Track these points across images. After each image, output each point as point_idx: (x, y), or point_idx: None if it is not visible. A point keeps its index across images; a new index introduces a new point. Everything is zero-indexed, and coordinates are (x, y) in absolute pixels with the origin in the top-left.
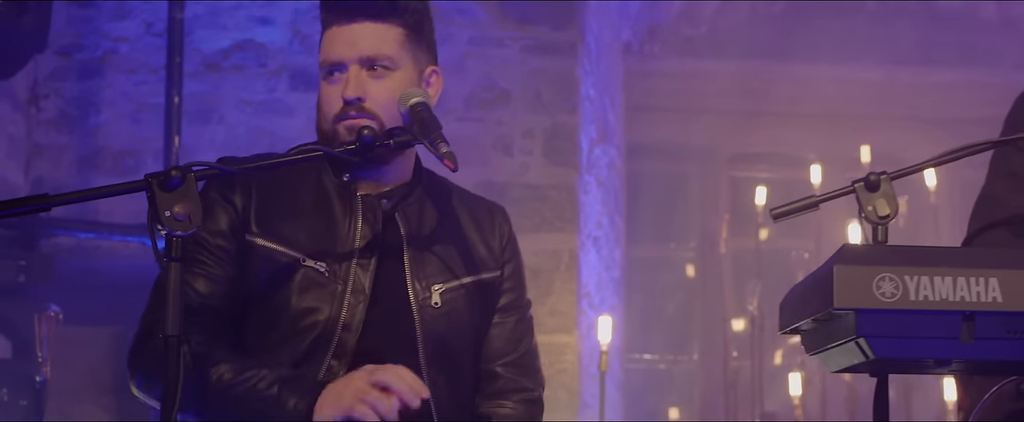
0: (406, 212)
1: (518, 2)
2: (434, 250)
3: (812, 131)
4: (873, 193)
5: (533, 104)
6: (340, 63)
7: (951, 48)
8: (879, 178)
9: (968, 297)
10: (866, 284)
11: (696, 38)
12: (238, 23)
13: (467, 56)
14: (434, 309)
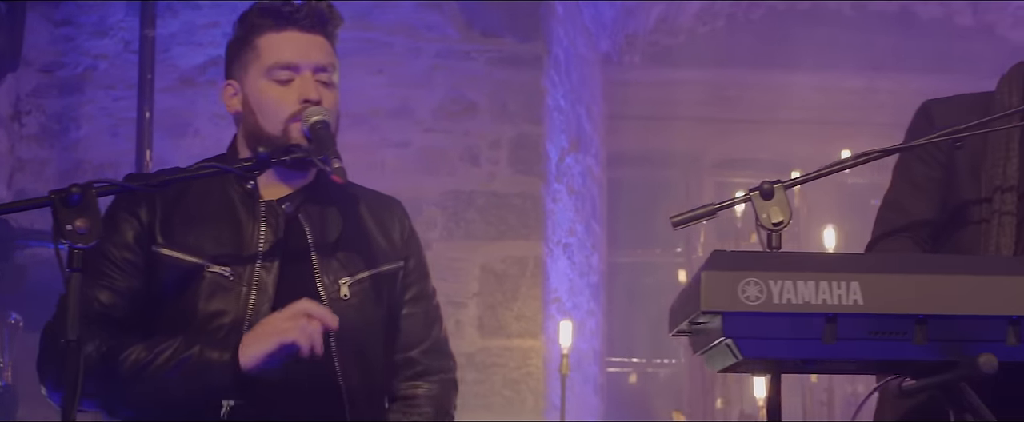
0: (309, 213)
1: (484, 15)
2: (339, 246)
3: (793, 138)
4: (767, 201)
5: (499, 115)
6: (294, 65)
7: (929, 55)
8: (773, 187)
9: (830, 300)
10: (731, 288)
11: (674, 47)
12: (213, 39)
13: (435, 69)
14: (344, 301)
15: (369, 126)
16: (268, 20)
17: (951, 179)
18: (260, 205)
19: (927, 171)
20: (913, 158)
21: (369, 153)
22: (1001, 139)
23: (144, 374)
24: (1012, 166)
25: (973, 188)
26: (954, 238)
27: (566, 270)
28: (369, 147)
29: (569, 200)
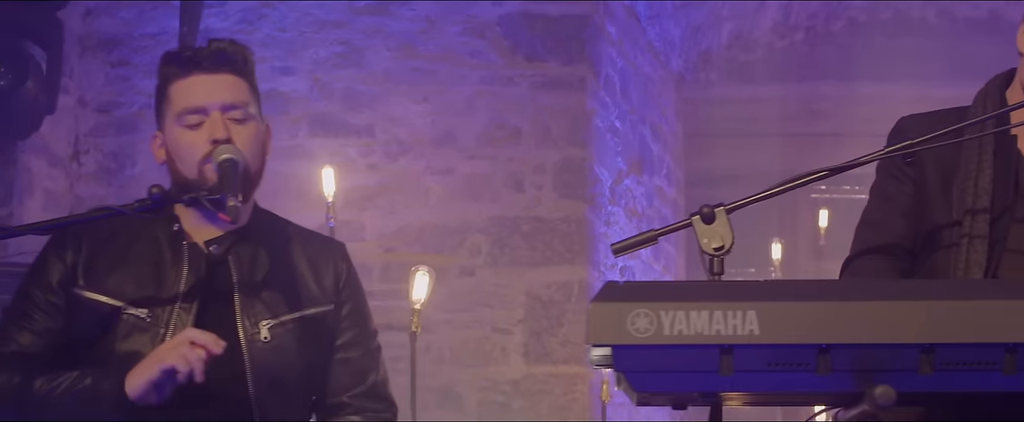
0: (239, 254)
1: (528, 40)
2: (265, 289)
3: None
4: (709, 225)
5: (543, 139)
6: (201, 108)
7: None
8: (713, 211)
9: (724, 330)
10: (620, 320)
11: (753, 62)
12: (261, 73)
13: (478, 95)
14: (263, 344)
15: (414, 154)
16: (173, 68)
17: (923, 197)
18: (184, 247)
19: (900, 187)
20: (886, 175)
21: (413, 181)
22: (973, 155)
23: (46, 403)
24: (984, 181)
25: (944, 208)
26: (928, 260)
27: None
28: (413, 175)
29: (628, 223)
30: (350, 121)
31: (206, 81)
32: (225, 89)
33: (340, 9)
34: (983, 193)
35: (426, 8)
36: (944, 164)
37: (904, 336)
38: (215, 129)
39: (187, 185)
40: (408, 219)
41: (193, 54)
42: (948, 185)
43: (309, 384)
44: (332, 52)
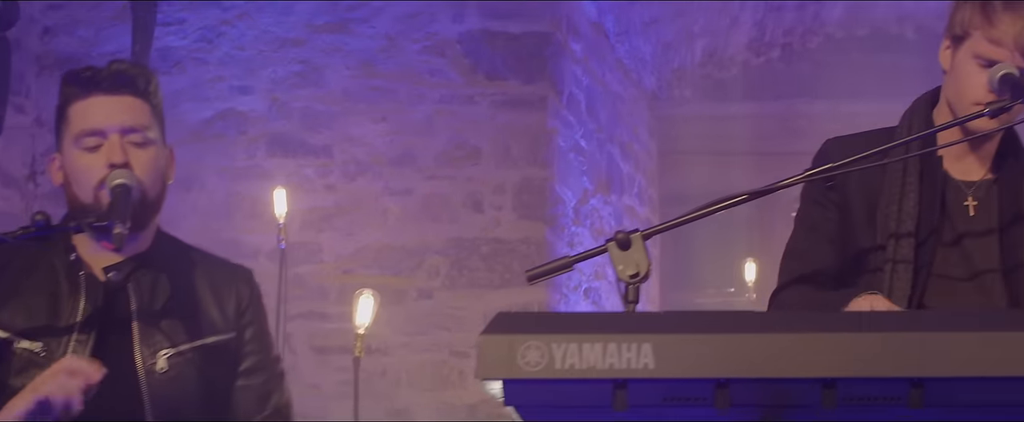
0: (139, 282)
1: (489, 59)
2: (165, 317)
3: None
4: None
5: (503, 159)
6: (100, 131)
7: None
8: (629, 236)
9: (618, 364)
10: (511, 353)
11: (728, 80)
12: (220, 94)
13: (437, 114)
14: (161, 374)
15: (372, 174)
16: (74, 88)
17: (847, 222)
18: (81, 276)
19: (824, 213)
20: (810, 202)
21: (371, 202)
22: (898, 178)
23: None
24: (909, 205)
25: (869, 232)
26: (853, 286)
27: None
28: (371, 196)
29: (594, 243)
30: (308, 141)
31: (105, 103)
32: (125, 112)
33: (299, 27)
34: (908, 217)
35: (386, 26)
36: (869, 187)
37: (805, 370)
38: (113, 153)
39: (83, 210)
40: (366, 240)
41: (93, 74)
42: (873, 209)
43: (210, 412)
44: (290, 71)
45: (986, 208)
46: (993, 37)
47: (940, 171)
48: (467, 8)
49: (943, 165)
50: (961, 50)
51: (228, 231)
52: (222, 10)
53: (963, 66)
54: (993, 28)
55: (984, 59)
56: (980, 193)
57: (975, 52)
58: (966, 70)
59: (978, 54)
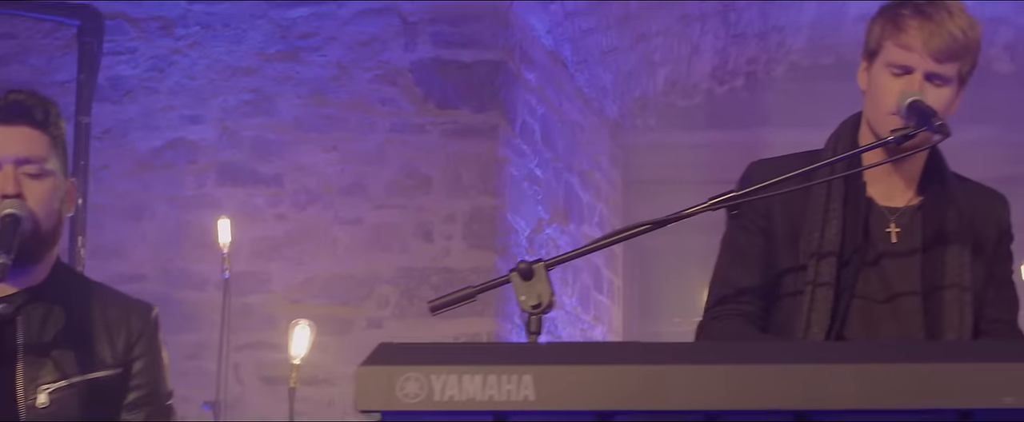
0: (29, 314)
1: (440, 87)
2: (55, 349)
3: None
4: (527, 282)
5: (453, 188)
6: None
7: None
8: (532, 267)
9: (498, 396)
10: (390, 384)
11: (692, 109)
12: (170, 123)
13: (388, 143)
14: (41, 410)
15: (322, 204)
16: None
17: (772, 246)
18: None
19: (748, 238)
20: (734, 226)
21: (321, 231)
22: (820, 203)
23: None
24: (832, 228)
25: (792, 256)
26: (776, 310)
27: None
28: (321, 225)
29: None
30: (258, 170)
31: (3, 133)
32: (20, 142)
33: (251, 56)
34: (830, 239)
35: (338, 54)
36: (793, 210)
37: (689, 403)
38: (5, 183)
39: None
40: (315, 270)
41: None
42: (796, 233)
43: None
44: (242, 100)
45: (909, 234)
46: (902, 43)
47: (863, 197)
48: (419, 37)
49: (867, 190)
50: (875, 64)
51: (177, 261)
52: (174, 39)
53: (877, 78)
54: (902, 34)
55: (897, 66)
56: (904, 219)
57: (888, 61)
58: (880, 81)
59: (890, 62)
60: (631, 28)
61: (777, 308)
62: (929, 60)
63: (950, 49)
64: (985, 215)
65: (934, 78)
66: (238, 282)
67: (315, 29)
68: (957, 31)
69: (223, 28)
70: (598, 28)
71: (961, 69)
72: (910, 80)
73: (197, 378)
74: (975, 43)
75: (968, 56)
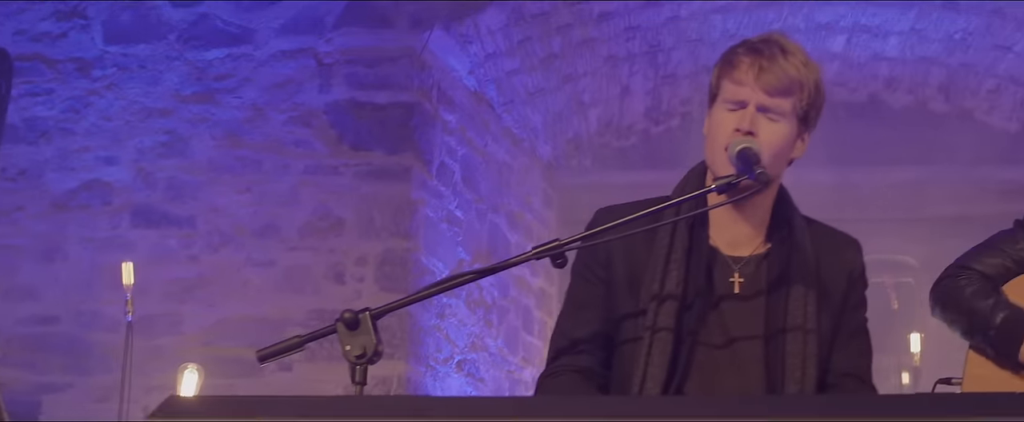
0: None
1: (354, 129)
2: None
3: None
4: (352, 331)
5: (366, 230)
6: None
7: (904, 145)
8: (357, 316)
9: None
10: None
11: (627, 149)
12: (86, 164)
13: (302, 185)
14: None
15: (235, 245)
16: None
17: (613, 293)
18: None
19: (588, 289)
20: (577, 277)
21: (234, 273)
22: (662, 249)
23: None
24: (673, 277)
25: (632, 303)
26: (617, 358)
27: (463, 388)
28: (234, 267)
29: (471, 314)
30: (172, 211)
31: None
32: None
33: (167, 98)
34: (672, 285)
35: (253, 96)
36: (635, 258)
37: None
38: None
39: None
40: (227, 312)
41: None
42: (638, 280)
43: None
44: (157, 141)
45: (753, 283)
46: (736, 78)
47: (707, 245)
48: (334, 78)
49: (711, 239)
50: (715, 106)
51: (89, 302)
52: (90, 80)
53: (715, 116)
54: (735, 70)
55: (731, 102)
56: (748, 269)
57: (724, 99)
58: (717, 118)
59: (726, 99)
60: (556, 69)
61: (618, 356)
62: (761, 94)
63: (781, 84)
64: (834, 261)
65: (767, 112)
66: (150, 324)
67: (231, 71)
68: (789, 67)
69: (139, 70)
70: (522, 69)
71: (796, 105)
72: (743, 114)
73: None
74: (811, 81)
75: (803, 93)
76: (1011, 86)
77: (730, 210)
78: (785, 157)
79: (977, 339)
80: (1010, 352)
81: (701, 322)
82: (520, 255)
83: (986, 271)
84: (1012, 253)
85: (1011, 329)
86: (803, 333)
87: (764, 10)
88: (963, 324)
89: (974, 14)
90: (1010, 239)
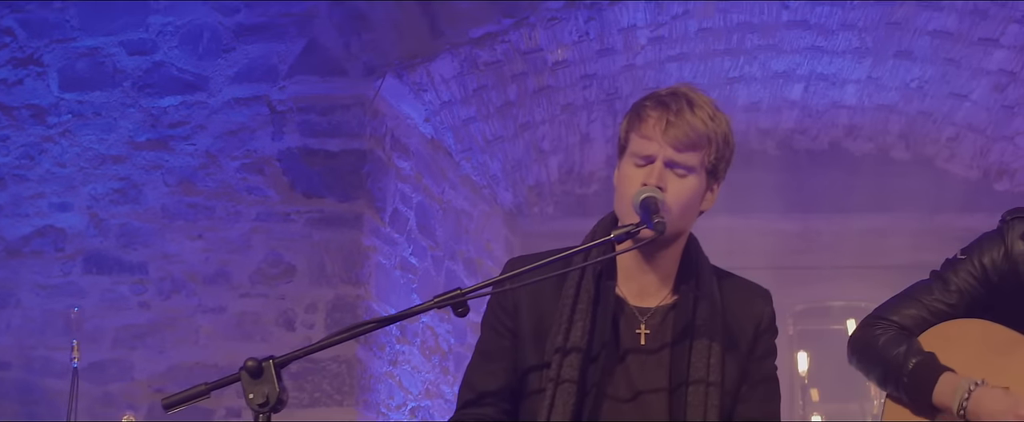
0: None
1: (307, 176)
2: None
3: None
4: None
5: (317, 277)
6: None
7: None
8: (261, 365)
9: None
10: None
11: (589, 196)
12: (39, 210)
13: (254, 232)
14: None
15: (186, 292)
16: None
17: (520, 344)
18: None
19: (495, 340)
20: (486, 328)
21: (185, 320)
22: (569, 300)
23: None
24: (578, 329)
25: (538, 353)
26: (523, 410)
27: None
28: (185, 313)
29: (426, 361)
30: (124, 258)
31: None
32: None
33: (120, 145)
34: (577, 337)
35: (206, 143)
36: (542, 309)
37: None
38: None
39: None
40: (178, 359)
41: None
42: (545, 330)
43: None
44: (110, 187)
45: (659, 334)
46: (644, 133)
47: (613, 295)
48: (287, 126)
49: (618, 289)
50: (623, 159)
51: (41, 349)
52: (46, 127)
53: (623, 170)
54: (643, 124)
55: (639, 157)
56: (654, 320)
57: (632, 153)
58: (625, 172)
59: (634, 153)
60: (513, 117)
61: (524, 407)
62: (669, 149)
63: (689, 139)
64: (741, 311)
65: (675, 167)
66: (101, 370)
67: (185, 118)
68: (697, 122)
69: (94, 116)
70: (478, 117)
71: (705, 159)
72: (651, 169)
73: None
74: (719, 134)
75: (710, 146)
76: (970, 134)
77: (637, 261)
78: (694, 210)
79: (891, 387)
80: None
81: (606, 374)
82: (423, 303)
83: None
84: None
85: (922, 375)
86: (705, 386)
87: (720, 58)
88: (878, 373)
89: (929, 63)
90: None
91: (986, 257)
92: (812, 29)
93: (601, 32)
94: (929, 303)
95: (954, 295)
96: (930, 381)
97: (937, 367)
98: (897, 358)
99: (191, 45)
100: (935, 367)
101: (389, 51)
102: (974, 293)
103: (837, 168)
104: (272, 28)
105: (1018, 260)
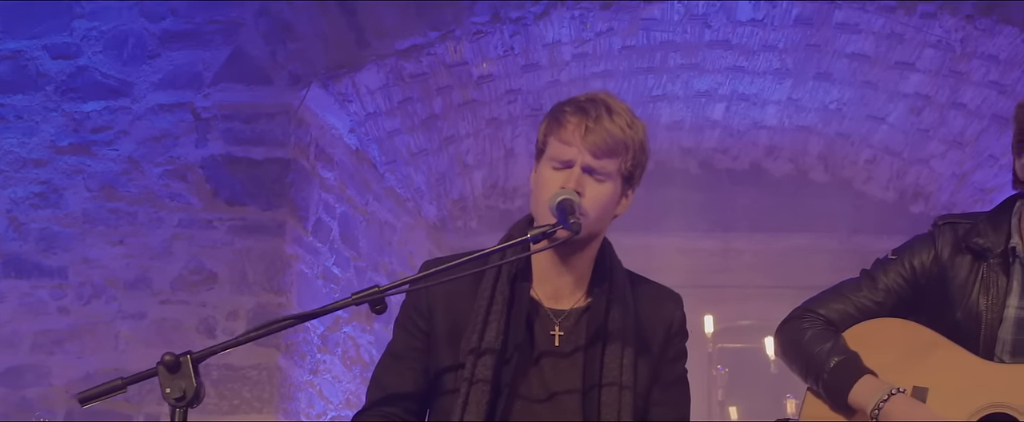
0: None
1: (230, 184)
2: None
3: None
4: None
5: (239, 284)
6: None
7: (785, 212)
8: (178, 359)
9: None
10: None
11: (513, 211)
12: None
13: (175, 239)
14: None
15: (106, 298)
16: None
17: (433, 345)
18: None
19: (407, 340)
20: (399, 328)
21: (104, 326)
22: (483, 301)
23: None
24: (492, 330)
25: (452, 354)
26: (435, 409)
27: None
28: (105, 319)
29: (347, 371)
30: (44, 263)
31: None
32: None
33: (42, 148)
34: (491, 338)
35: (130, 149)
36: (456, 310)
37: None
38: None
39: None
40: (97, 364)
41: None
42: (459, 331)
43: None
44: (31, 191)
45: (572, 336)
46: (563, 138)
47: (527, 297)
48: (211, 133)
49: (533, 291)
50: (541, 161)
51: None
52: None
53: (541, 173)
54: (562, 129)
55: (557, 161)
56: (568, 322)
57: (550, 157)
58: (544, 176)
59: (552, 157)
60: (438, 130)
61: (436, 407)
62: (587, 155)
63: (607, 145)
64: (653, 315)
65: (593, 173)
66: (18, 375)
67: (108, 123)
68: (615, 128)
69: (16, 120)
70: (403, 129)
71: (622, 166)
72: (569, 174)
73: None
74: (636, 142)
75: (627, 153)
76: (887, 157)
77: (553, 263)
78: (609, 214)
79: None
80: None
81: (520, 375)
82: (341, 300)
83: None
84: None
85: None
86: (619, 388)
87: (643, 76)
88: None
89: (847, 85)
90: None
91: (916, 259)
92: (734, 49)
93: (526, 47)
94: (857, 299)
95: (882, 293)
96: (849, 381)
97: (858, 368)
98: (820, 355)
99: (116, 50)
100: (856, 368)
101: (315, 61)
102: (901, 293)
103: (757, 188)
104: (198, 35)
105: (946, 265)
